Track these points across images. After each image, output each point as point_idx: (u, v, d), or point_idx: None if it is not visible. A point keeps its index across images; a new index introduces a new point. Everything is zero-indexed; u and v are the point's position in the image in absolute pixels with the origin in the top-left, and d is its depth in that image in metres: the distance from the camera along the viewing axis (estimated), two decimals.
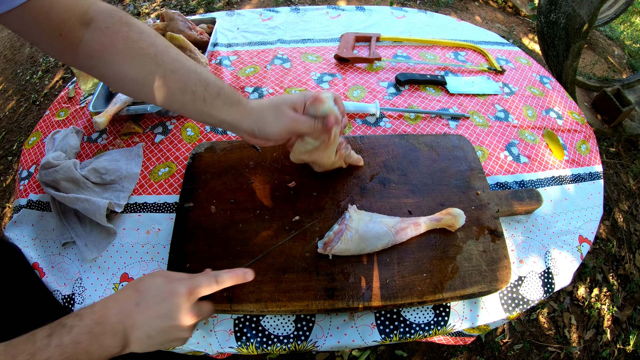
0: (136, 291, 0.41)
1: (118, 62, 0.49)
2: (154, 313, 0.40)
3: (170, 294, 0.41)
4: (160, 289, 0.41)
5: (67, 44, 0.47)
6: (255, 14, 1.19)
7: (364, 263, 0.58)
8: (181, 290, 0.41)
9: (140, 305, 0.40)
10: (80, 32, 0.47)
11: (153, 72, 0.49)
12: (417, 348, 1.21)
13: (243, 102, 0.54)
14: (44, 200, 0.74)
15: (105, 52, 0.48)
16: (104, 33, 0.47)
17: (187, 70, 0.51)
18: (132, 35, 0.48)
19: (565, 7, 1.44)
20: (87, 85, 0.94)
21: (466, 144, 0.75)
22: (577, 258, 0.65)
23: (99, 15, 0.48)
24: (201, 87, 0.51)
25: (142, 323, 0.40)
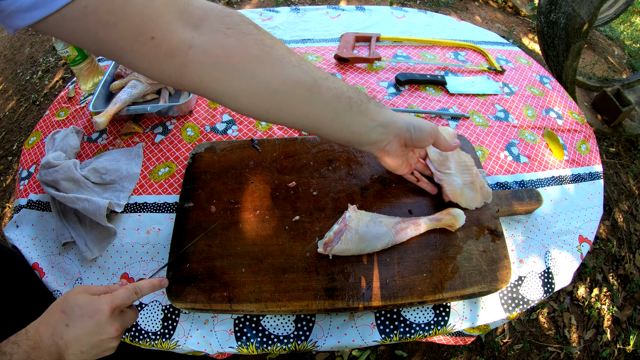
0: (64, 313, 0.43)
1: (256, 71, 0.40)
2: (83, 331, 0.43)
3: (94, 312, 0.43)
4: (85, 308, 0.43)
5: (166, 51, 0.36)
6: (255, 14, 1.19)
7: (364, 263, 0.58)
8: (104, 307, 0.44)
9: (70, 326, 0.43)
10: (187, 34, 0.37)
11: (303, 81, 0.42)
12: (417, 348, 1.21)
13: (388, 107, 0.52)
14: (44, 200, 0.74)
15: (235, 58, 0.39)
16: (227, 35, 0.38)
17: (334, 78, 0.46)
18: (265, 39, 0.40)
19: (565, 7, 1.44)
20: (87, 85, 0.94)
21: (466, 144, 0.75)
22: (577, 258, 0.65)
23: (211, 13, 0.39)
24: (354, 92, 0.47)
25: (74, 342, 0.42)
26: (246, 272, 0.57)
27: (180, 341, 0.58)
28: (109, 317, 0.44)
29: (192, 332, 0.59)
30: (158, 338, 0.58)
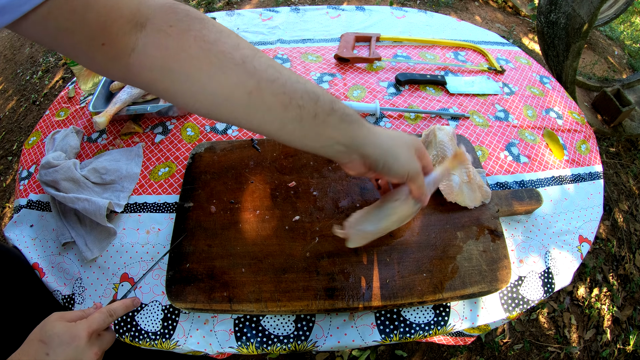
0: (42, 342, 0.44)
1: (192, 72, 0.37)
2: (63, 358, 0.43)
3: (73, 339, 0.44)
4: (63, 336, 0.44)
5: (113, 55, 0.36)
6: (255, 14, 1.19)
7: (364, 263, 0.58)
8: (81, 333, 0.44)
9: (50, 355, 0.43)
10: (132, 37, 0.36)
11: (243, 83, 0.38)
12: (417, 348, 1.21)
13: (364, 123, 0.44)
14: (44, 200, 0.74)
15: (172, 59, 0.37)
16: (168, 34, 0.36)
17: (287, 79, 0.40)
18: (207, 34, 0.37)
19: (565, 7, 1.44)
20: (87, 85, 0.94)
21: (466, 144, 0.75)
22: (577, 258, 0.65)
23: (158, 11, 0.37)
24: (310, 100, 0.40)
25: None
26: (246, 272, 0.58)
27: (180, 341, 0.58)
28: (87, 342, 0.45)
29: (192, 332, 0.59)
30: (158, 338, 0.58)
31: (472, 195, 0.64)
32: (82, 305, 0.61)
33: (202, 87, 0.38)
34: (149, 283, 0.63)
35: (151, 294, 0.62)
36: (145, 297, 0.62)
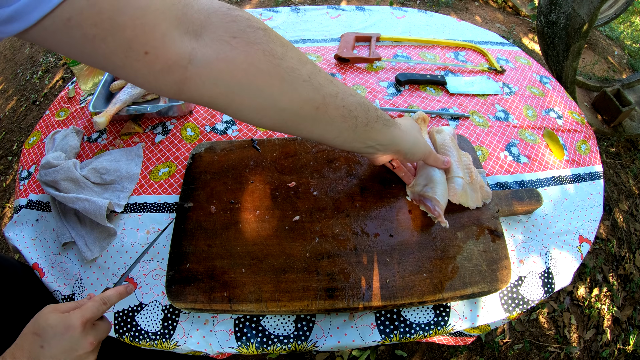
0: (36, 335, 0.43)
1: (264, 87, 0.37)
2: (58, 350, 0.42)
3: (67, 329, 0.43)
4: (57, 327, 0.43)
5: (162, 66, 0.33)
6: (255, 14, 1.19)
7: (364, 263, 0.58)
8: (75, 323, 0.43)
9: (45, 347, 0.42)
10: (186, 46, 0.33)
11: (312, 99, 0.40)
12: (417, 348, 1.21)
13: (397, 124, 0.53)
14: (44, 200, 0.74)
15: (241, 74, 0.35)
16: (233, 46, 0.34)
17: (344, 93, 0.43)
18: (274, 48, 0.36)
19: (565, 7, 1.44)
20: (87, 85, 0.94)
21: (466, 144, 0.75)
22: (577, 258, 0.65)
23: (214, 19, 0.34)
24: (362, 111, 0.45)
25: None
26: (246, 272, 0.58)
27: (180, 341, 0.58)
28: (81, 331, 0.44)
29: (192, 332, 0.59)
30: (158, 338, 0.58)
31: (475, 195, 0.64)
32: None
33: (274, 103, 0.39)
34: (149, 283, 0.63)
35: (151, 294, 0.62)
36: (145, 297, 0.62)
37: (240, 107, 0.39)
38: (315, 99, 0.40)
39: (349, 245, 0.60)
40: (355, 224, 0.62)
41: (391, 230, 0.62)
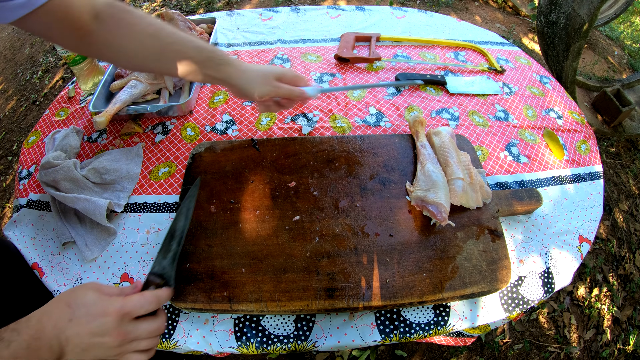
0: (69, 306, 0.42)
1: (125, 44, 0.57)
2: (86, 330, 0.41)
3: (101, 314, 0.41)
4: (92, 307, 0.42)
5: (82, 36, 0.55)
6: (255, 14, 1.19)
7: (364, 263, 0.58)
8: (111, 310, 0.42)
9: (73, 322, 0.41)
10: (92, 25, 0.54)
11: (154, 46, 0.59)
12: (417, 348, 1.21)
13: (234, 63, 0.63)
14: (44, 200, 0.74)
15: (114, 37, 0.57)
16: (110, 22, 0.55)
17: (182, 39, 0.60)
18: (133, 19, 0.57)
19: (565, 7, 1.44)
20: (87, 85, 0.94)
21: (466, 144, 0.75)
22: (577, 258, 0.65)
23: (103, 7, 0.55)
24: (196, 52, 0.60)
25: (74, 338, 0.41)
26: (246, 272, 0.57)
27: (180, 341, 0.58)
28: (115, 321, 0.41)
29: (192, 332, 0.59)
30: None
31: (475, 195, 0.64)
32: None
33: (134, 52, 0.59)
34: None
35: None
36: None
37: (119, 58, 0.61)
38: (156, 45, 0.59)
39: (349, 245, 0.60)
40: (355, 224, 0.62)
41: (391, 230, 0.62)
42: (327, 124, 0.83)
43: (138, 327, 0.43)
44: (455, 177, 0.64)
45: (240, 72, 0.63)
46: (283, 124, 0.84)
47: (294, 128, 0.83)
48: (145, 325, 0.44)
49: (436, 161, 0.68)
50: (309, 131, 0.82)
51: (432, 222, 0.62)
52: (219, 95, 0.91)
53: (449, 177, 0.65)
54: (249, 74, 0.63)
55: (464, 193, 0.63)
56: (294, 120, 0.84)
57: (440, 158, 0.69)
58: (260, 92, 0.63)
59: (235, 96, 0.72)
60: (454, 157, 0.67)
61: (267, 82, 0.63)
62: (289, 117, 0.85)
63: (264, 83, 0.63)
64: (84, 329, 0.41)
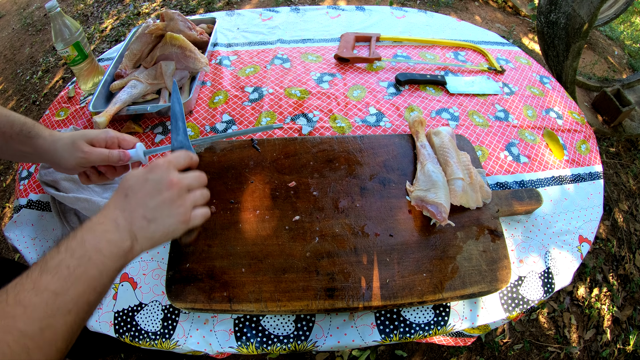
0: (121, 188, 0.43)
1: None
2: (143, 193, 0.41)
3: (150, 171, 0.43)
4: (139, 174, 0.43)
5: None
6: (255, 14, 1.19)
7: (364, 263, 0.58)
8: (159, 162, 0.44)
9: (129, 195, 0.42)
10: None
11: None
12: (417, 348, 1.21)
13: (43, 135, 0.56)
14: (44, 200, 0.74)
15: None
16: None
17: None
18: None
19: (565, 7, 1.44)
20: (87, 85, 0.94)
21: (466, 144, 0.75)
22: (577, 258, 0.65)
23: None
24: (8, 126, 0.54)
25: (136, 208, 0.41)
26: (246, 272, 0.57)
27: (180, 341, 0.58)
28: (163, 169, 0.43)
29: (192, 332, 0.59)
30: (158, 338, 0.58)
31: (475, 195, 0.64)
32: None
33: None
34: (149, 283, 0.63)
35: (151, 294, 0.62)
36: (145, 297, 0.62)
37: None
38: None
39: (348, 245, 0.60)
40: (355, 224, 0.62)
41: (391, 230, 0.62)
42: (327, 124, 0.83)
43: (185, 175, 0.45)
44: (455, 177, 0.64)
45: (51, 142, 0.56)
46: (283, 124, 0.84)
47: (294, 128, 0.83)
48: (190, 173, 0.46)
49: (436, 161, 0.68)
50: (309, 131, 0.82)
51: (432, 222, 0.62)
52: (219, 95, 0.91)
53: (449, 177, 0.65)
54: (59, 144, 0.55)
55: (464, 193, 0.63)
56: (294, 120, 0.84)
57: (440, 158, 0.69)
58: (69, 162, 0.55)
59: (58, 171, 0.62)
60: (454, 157, 0.67)
61: (76, 149, 0.55)
62: (289, 117, 0.85)
63: (74, 150, 0.55)
64: (141, 193, 0.41)
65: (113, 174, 0.60)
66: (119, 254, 0.39)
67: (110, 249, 0.38)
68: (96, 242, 0.38)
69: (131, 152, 0.58)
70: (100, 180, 0.60)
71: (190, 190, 0.46)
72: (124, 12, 2.66)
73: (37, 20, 2.75)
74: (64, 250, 0.36)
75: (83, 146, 0.55)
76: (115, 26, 2.55)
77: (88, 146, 0.55)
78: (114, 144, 0.58)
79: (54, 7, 0.80)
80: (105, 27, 2.56)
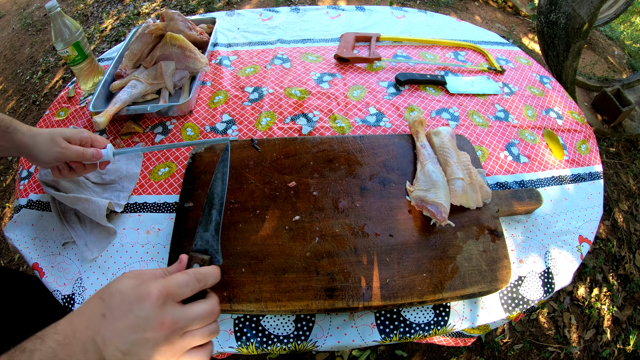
0: (102, 300, 0.35)
1: None
2: (123, 324, 0.33)
3: (138, 299, 0.34)
4: (128, 294, 0.34)
5: None
6: (255, 14, 1.19)
7: (364, 263, 0.58)
8: (152, 291, 0.34)
9: (107, 317, 0.33)
10: None
11: None
12: (417, 348, 1.21)
13: (22, 130, 0.58)
14: (44, 200, 0.74)
15: None
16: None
17: None
18: None
19: (565, 7, 1.44)
20: (87, 85, 0.94)
21: (465, 144, 0.75)
22: (577, 258, 0.65)
23: None
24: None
25: (111, 337, 0.33)
26: (246, 272, 0.58)
27: None
28: (156, 306, 0.33)
29: None
30: None
31: (475, 195, 0.64)
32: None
33: None
34: None
35: None
36: None
37: None
38: None
39: (348, 245, 0.60)
40: (355, 224, 0.62)
41: (391, 230, 0.62)
42: (327, 124, 0.83)
43: (186, 312, 0.36)
44: (455, 177, 0.64)
45: (30, 137, 0.58)
46: (283, 124, 0.84)
47: (294, 128, 0.83)
48: (195, 308, 0.36)
49: (436, 161, 0.68)
50: (309, 131, 0.82)
51: (432, 222, 0.62)
52: (219, 95, 0.91)
53: (449, 177, 0.65)
54: (38, 139, 0.58)
55: (464, 193, 0.63)
56: (294, 120, 0.84)
57: (440, 158, 0.69)
58: (47, 156, 0.58)
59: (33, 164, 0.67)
60: (454, 157, 0.67)
61: (54, 144, 0.58)
62: (289, 117, 0.85)
63: (52, 145, 0.58)
64: (121, 323, 0.33)
65: (82, 171, 0.63)
66: None
67: None
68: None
69: (103, 152, 0.62)
70: (70, 175, 0.63)
71: (186, 332, 0.36)
72: (124, 12, 2.66)
73: (37, 20, 2.75)
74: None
75: (61, 142, 0.58)
76: (115, 26, 2.55)
77: (65, 142, 0.59)
78: (87, 143, 0.62)
79: (54, 7, 0.80)
80: (105, 27, 2.56)
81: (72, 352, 0.32)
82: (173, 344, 0.35)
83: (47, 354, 0.31)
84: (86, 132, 0.62)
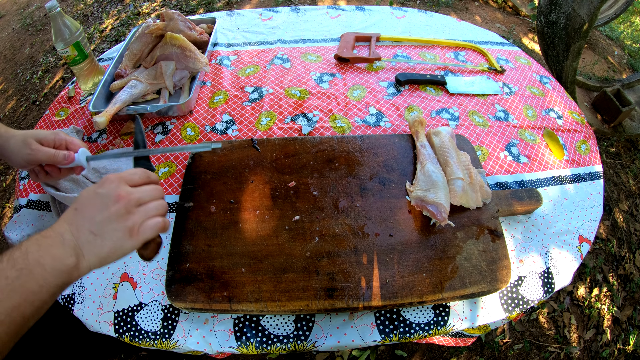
0: (73, 202, 0.42)
1: None
2: (91, 207, 0.40)
3: (100, 185, 0.42)
4: (91, 189, 0.42)
5: None
6: (255, 14, 1.19)
7: (364, 263, 0.58)
8: (110, 177, 0.43)
9: (78, 209, 0.41)
10: None
11: None
12: (417, 348, 1.21)
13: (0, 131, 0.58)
14: (44, 200, 0.74)
15: None
16: None
17: None
18: None
19: (565, 7, 1.44)
20: (87, 85, 0.94)
21: (465, 144, 0.75)
22: (577, 258, 0.65)
23: None
24: None
25: (84, 222, 0.40)
26: (246, 272, 0.58)
27: (180, 341, 0.58)
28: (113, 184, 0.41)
29: (192, 332, 0.59)
30: (158, 338, 0.58)
31: (475, 195, 0.64)
32: (81, 305, 0.61)
33: None
34: (149, 283, 0.63)
35: (151, 294, 0.62)
36: (145, 297, 0.62)
37: None
38: None
39: (348, 245, 0.60)
40: (355, 224, 0.62)
41: (391, 230, 0.62)
42: (327, 124, 0.83)
43: (138, 189, 0.44)
44: (455, 177, 0.64)
45: (5, 139, 0.58)
46: (283, 124, 0.84)
47: (294, 128, 0.83)
48: (143, 187, 0.45)
49: (436, 161, 0.68)
50: (309, 131, 0.82)
51: (432, 222, 0.62)
52: (219, 95, 0.91)
53: (449, 177, 0.65)
54: (12, 141, 0.58)
55: (463, 193, 0.63)
56: (294, 120, 0.84)
57: (440, 158, 0.69)
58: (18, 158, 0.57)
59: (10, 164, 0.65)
60: (453, 157, 0.67)
61: (25, 146, 0.57)
62: (289, 117, 0.85)
63: (23, 147, 0.57)
64: (90, 208, 0.40)
65: (57, 175, 0.61)
66: (62, 269, 0.38)
67: (53, 264, 0.37)
68: (39, 256, 0.37)
69: (76, 155, 0.59)
70: (46, 179, 0.61)
71: (141, 204, 0.44)
72: (124, 12, 2.66)
73: (37, 20, 2.75)
74: (6, 260, 0.36)
75: (32, 144, 0.57)
76: (115, 26, 2.55)
77: (36, 144, 0.57)
78: (62, 145, 0.59)
79: (54, 7, 0.80)
80: (105, 27, 2.56)
81: (52, 241, 0.38)
82: (132, 213, 0.42)
83: (32, 242, 0.38)
84: (62, 134, 0.60)
